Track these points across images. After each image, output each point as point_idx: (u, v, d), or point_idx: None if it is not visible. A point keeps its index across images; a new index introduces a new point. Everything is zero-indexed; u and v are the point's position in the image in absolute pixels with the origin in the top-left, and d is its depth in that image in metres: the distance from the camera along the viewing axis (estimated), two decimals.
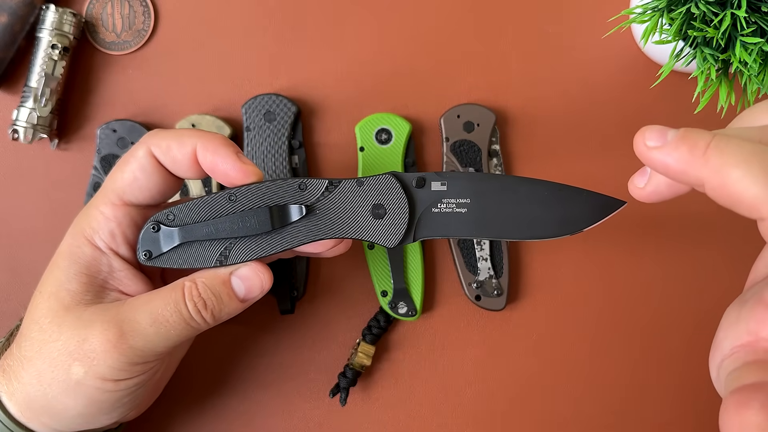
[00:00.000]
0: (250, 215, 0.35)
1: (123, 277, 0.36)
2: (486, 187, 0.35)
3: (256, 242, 0.35)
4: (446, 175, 0.36)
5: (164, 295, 0.35)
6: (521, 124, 0.49)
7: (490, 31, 0.50)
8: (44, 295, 0.35)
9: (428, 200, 0.36)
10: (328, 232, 0.35)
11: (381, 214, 0.36)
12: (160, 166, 0.36)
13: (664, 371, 0.49)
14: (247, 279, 0.36)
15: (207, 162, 0.35)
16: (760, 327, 0.28)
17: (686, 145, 0.27)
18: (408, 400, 0.48)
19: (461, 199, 0.36)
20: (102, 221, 0.36)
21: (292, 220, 0.35)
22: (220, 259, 0.35)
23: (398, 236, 0.36)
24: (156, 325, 0.34)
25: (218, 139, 0.35)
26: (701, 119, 0.48)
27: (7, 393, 0.35)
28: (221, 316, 0.36)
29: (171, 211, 0.35)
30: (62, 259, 0.36)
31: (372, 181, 0.35)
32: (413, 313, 0.47)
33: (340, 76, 0.49)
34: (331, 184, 0.35)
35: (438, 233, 0.36)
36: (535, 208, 0.35)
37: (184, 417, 0.47)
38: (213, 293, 0.35)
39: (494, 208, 0.35)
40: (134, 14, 0.49)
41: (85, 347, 0.34)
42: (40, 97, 0.46)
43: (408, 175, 0.36)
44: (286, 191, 0.35)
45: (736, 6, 0.36)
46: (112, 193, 0.36)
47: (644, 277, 0.49)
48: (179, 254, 0.35)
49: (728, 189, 0.26)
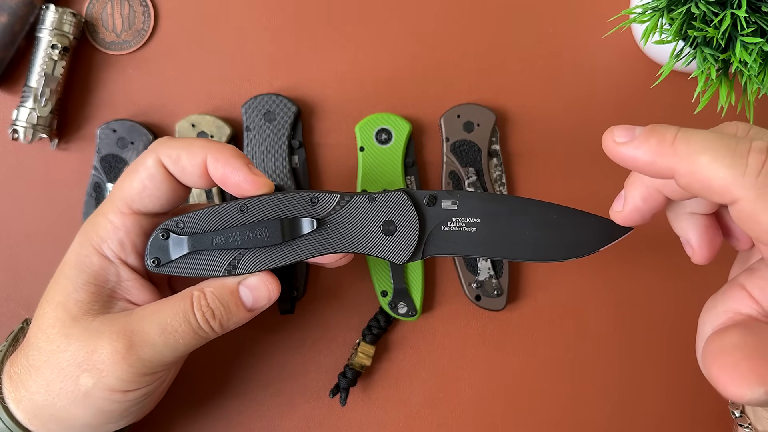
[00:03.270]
0: (261, 227, 0.35)
1: (131, 287, 0.36)
2: (496, 208, 0.36)
3: (266, 253, 0.35)
4: (457, 194, 0.36)
5: (173, 304, 0.35)
6: (521, 124, 0.49)
7: (491, 31, 0.50)
8: (51, 305, 0.35)
9: (439, 218, 0.36)
10: (338, 246, 0.36)
11: (391, 231, 0.36)
12: (170, 175, 0.35)
13: (663, 371, 0.49)
14: (255, 289, 0.36)
15: (218, 173, 0.35)
16: (737, 304, 0.30)
17: (655, 137, 0.28)
18: (408, 400, 0.48)
19: (471, 219, 0.36)
20: (110, 230, 0.35)
21: (303, 233, 0.35)
22: (229, 269, 0.35)
23: (408, 253, 0.36)
24: (165, 336, 0.34)
25: (229, 151, 0.35)
26: (701, 119, 0.48)
27: (15, 400, 0.35)
28: (229, 325, 0.36)
29: (181, 219, 0.35)
30: (70, 269, 0.35)
31: (384, 197, 0.36)
32: (413, 313, 0.47)
33: (340, 76, 0.49)
34: (343, 199, 0.35)
35: (446, 251, 0.36)
36: (543, 230, 0.36)
37: (184, 417, 0.47)
38: (221, 303, 0.35)
39: (503, 229, 0.36)
40: (134, 14, 0.49)
41: (93, 358, 0.34)
42: (40, 97, 0.46)
43: (419, 193, 0.36)
44: (297, 204, 0.35)
45: (736, 6, 0.36)
46: (120, 202, 0.35)
47: (644, 276, 0.49)
48: (188, 262, 0.35)
49: (698, 175, 0.26)
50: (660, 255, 0.49)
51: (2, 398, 0.36)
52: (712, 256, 0.34)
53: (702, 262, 0.34)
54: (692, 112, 0.42)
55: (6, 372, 0.36)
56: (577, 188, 0.49)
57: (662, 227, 0.50)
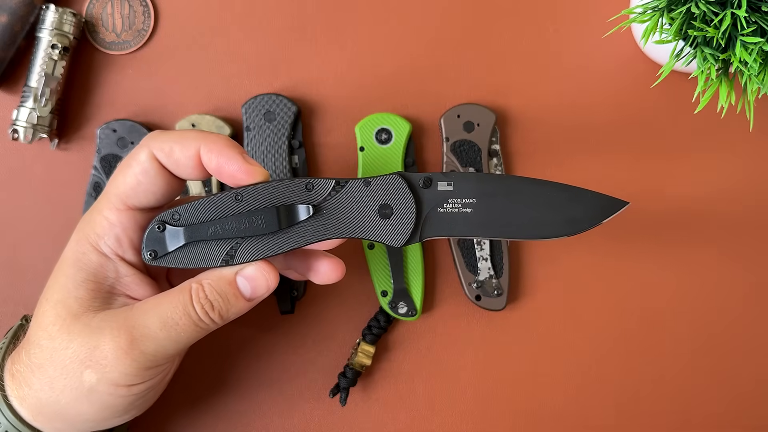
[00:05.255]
0: (257, 215, 0.35)
1: (130, 282, 0.36)
2: (491, 188, 0.36)
3: (263, 242, 0.35)
4: (452, 176, 0.36)
5: (172, 298, 0.35)
6: (521, 124, 0.49)
7: (491, 31, 0.50)
8: (51, 302, 0.35)
9: (434, 200, 0.36)
10: (335, 231, 0.35)
11: (388, 214, 0.36)
12: (163, 168, 0.35)
13: (663, 370, 0.49)
14: (253, 279, 0.36)
15: (212, 164, 0.35)
16: None
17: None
18: (408, 400, 0.48)
19: (467, 199, 0.36)
20: (107, 227, 0.35)
21: (300, 220, 0.35)
22: (226, 259, 0.35)
23: (405, 236, 0.36)
24: (166, 329, 0.34)
25: (222, 141, 0.35)
26: (701, 119, 0.48)
27: (18, 398, 0.35)
28: (229, 315, 0.36)
29: (176, 210, 0.35)
30: (68, 266, 0.35)
31: (379, 181, 0.36)
32: (413, 313, 0.47)
33: (340, 76, 0.49)
34: (338, 184, 0.35)
35: (444, 233, 0.36)
36: (539, 208, 0.36)
37: (184, 417, 0.47)
38: (219, 294, 0.35)
39: (499, 208, 0.36)
40: (134, 14, 0.49)
41: (96, 354, 0.34)
42: (40, 97, 0.46)
43: (415, 175, 0.36)
44: (293, 191, 0.35)
45: (737, 6, 0.36)
46: (115, 198, 0.35)
47: (644, 276, 0.49)
48: (185, 254, 0.35)
49: None
50: (660, 254, 0.49)
51: (5, 396, 0.36)
52: None
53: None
54: (692, 112, 0.42)
55: (8, 370, 0.36)
56: None
57: (662, 227, 0.50)
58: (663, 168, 0.50)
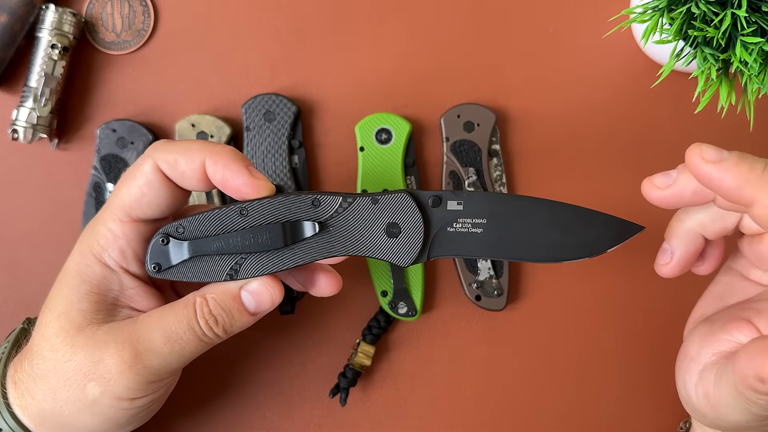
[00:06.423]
0: (263, 231, 0.34)
1: (134, 294, 0.36)
2: (502, 208, 0.35)
3: (268, 257, 0.35)
4: (463, 195, 0.35)
5: (176, 312, 0.34)
6: (521, 124, 0.49)
7: (491, 31, 0.50)
8: (54, 314, 0.35)
9: (444, 219, 0.35)
10: (341, 249, 0.35)
11: (395, 233, 0.35)
12: (168, 180, 0.35)
13: (664, 371, 0.49)
14: (258, 294, 0.35)
15: (217, 177, 0.34)
16: (743, 336, 0.32)
17: (746, 164, 0.29)
18: (408, 400, 0.48)
19: (477, 219, 0.35)
20: (111, 239, 0.35)
21: (305, 236, 0.34)
22: (231, 273, 0.35)
23: (412, 256, 0.35)
24: (170, 344, 0.34)
25: (228, 153, 0.34)
26: (701, 119, 0.47)
27: (21, 407, 0.35)
28: (233, 330, 0.36)
29: (181, 223, 0.35)
30: (71, 278, 0.35)
31: (387, 198, 0.35)
32: (413, 313, 0.47)
33: (340, 76, 0.49)
34: (345, 201, 0.35)
35: (453, 253, 0.35)
36: (551, 230, 0.35)
37: (184, 417, 0.47)
38: (223, 309, 0.35)
39: (510, 229, 0.35)
40: (134, 14, 0.49)
41: (100, 368, 0.33)
42: (40, 97, 0.46)
43: (424, 194, 0.35)
44: (299, 207, 0.34)
45: (737, 6, 0.36)
46: (119, 210, 0.35)
47: (644, 277, 0.49)
48: (189, 267, 0.35)
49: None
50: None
51: (8, 404, 0.35)
52: (679, 275, 0.35)
53: (667, 275, 0.35)
54: (692, 112, 0.42)
55: (10, 377, 0.36)
56: (577, 188, 0.49)
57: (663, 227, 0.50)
58: (663, 167, 0.49)
